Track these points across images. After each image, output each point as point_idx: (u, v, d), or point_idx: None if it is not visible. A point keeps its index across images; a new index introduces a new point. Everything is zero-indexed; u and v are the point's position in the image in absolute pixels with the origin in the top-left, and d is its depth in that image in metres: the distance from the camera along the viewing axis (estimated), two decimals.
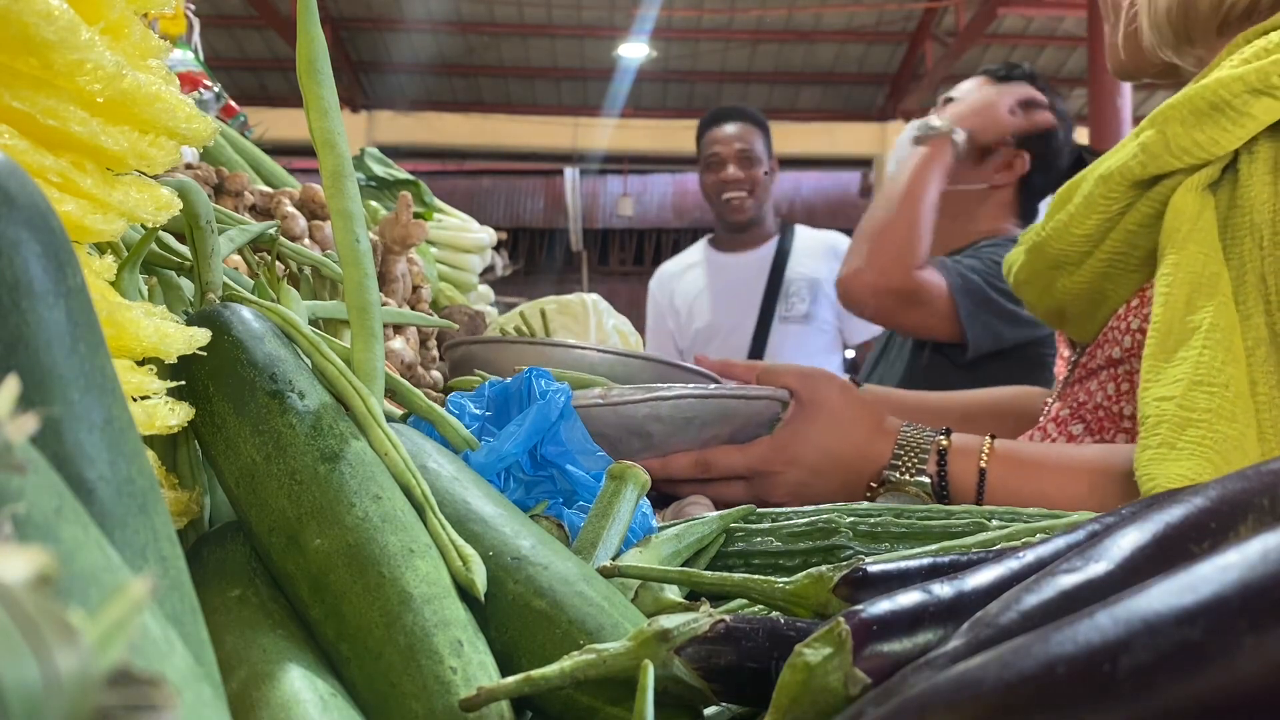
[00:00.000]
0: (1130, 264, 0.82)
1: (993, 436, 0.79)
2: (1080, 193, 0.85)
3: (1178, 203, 0.76)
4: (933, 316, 1.54)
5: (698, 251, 2.55)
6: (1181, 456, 0.67)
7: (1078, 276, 0.87)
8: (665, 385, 0.75)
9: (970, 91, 1.64)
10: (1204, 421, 0.68)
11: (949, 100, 1.67)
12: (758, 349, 2.29)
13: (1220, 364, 0.69)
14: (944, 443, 0.77)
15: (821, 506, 0.53)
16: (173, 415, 0.39)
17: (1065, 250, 0.86)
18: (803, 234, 2.44)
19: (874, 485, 0.78)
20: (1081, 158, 1.66)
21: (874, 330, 2.35)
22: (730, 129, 2.41)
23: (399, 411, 0.55)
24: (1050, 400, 0.99)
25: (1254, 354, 0.70)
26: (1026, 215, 1.70)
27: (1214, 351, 0.70)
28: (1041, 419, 0.98)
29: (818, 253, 2.37)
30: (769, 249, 2.40)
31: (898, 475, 0.76)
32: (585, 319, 1.16)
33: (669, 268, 2.59)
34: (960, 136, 1.55)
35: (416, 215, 1.30)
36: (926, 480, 0.76)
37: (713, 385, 0.79)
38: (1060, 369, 1.01)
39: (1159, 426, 0.69)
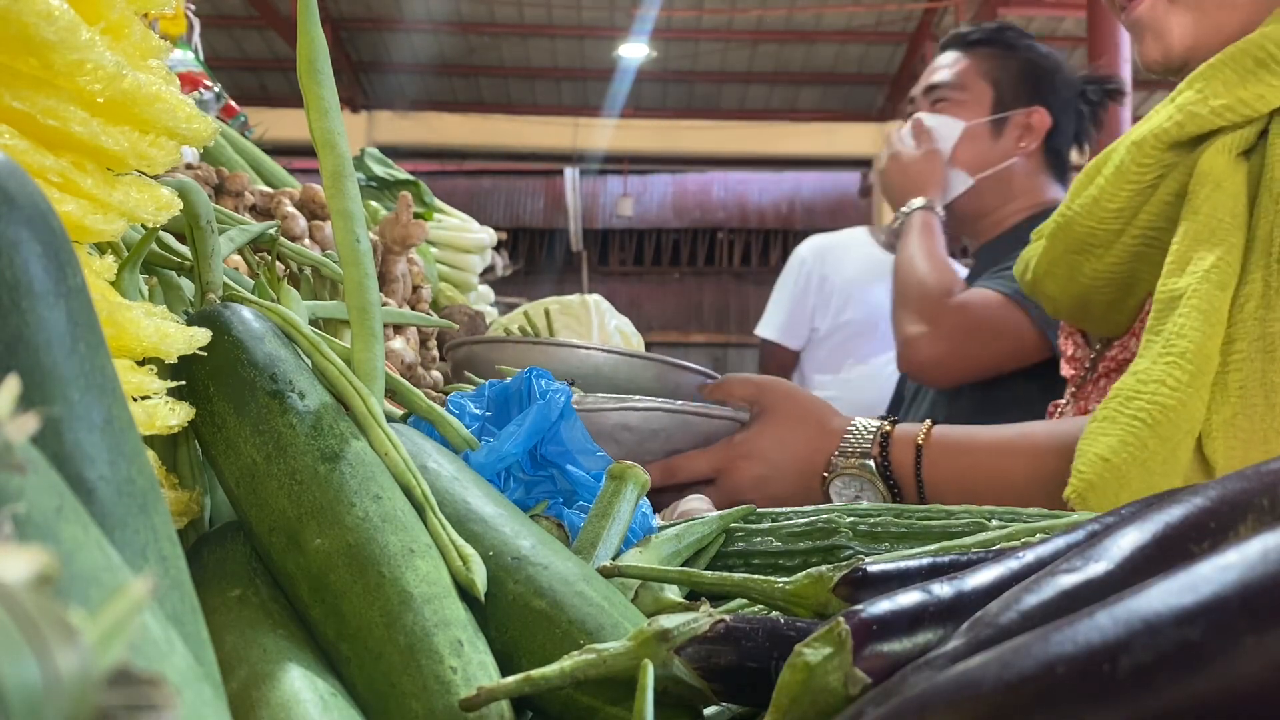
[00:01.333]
0: (1165, 241, 0.76)
1: (934, 421, 0.80)
2: (1111, 164, 0.79)
3: (1205, 164, 0.71)
4: (1013, 339, 1.29)
5: (860, 237, 2.36)
6: (1113, 430, 0.66)
7: (1108, 258, 0.81)
8: (637, 397, 0.80)
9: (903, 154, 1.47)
10: (1149, 391, 0.66)
11: (913, 102, 1.53)
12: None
13: (1190, 329, 0.67)
14: (886, 428, 0.80)
15: (821, 506, 0.53)
16: (173, 415, 0.39)
17: (1094, 229, 0.80)
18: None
19: (826, 475, 0.81)
20: (1085, 91, 1.50)
21: None
22: None
23: (399, 411, 0.55)
24: (1062, 402, 0.96)
25: (1243, 309, 0.67)
26: (1060, 172, 1.51)
27: (1188, 317, 0.67)
28: (1058, 417, 0.95)
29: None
30: None
31: (843, 460, 0.79)
32: (587, 319, 1.16)
33: (831, 240, 2.38)
34: (920, 203, 1.42)
35: (416, 215, 1.30)
36: (870, 463, 0.78)
37: (680, 401, 0.82)
38: (1067, 370, 0.96)
39: (1112, 400, 0.68)
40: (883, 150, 1.52)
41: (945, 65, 1.52)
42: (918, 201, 1.43)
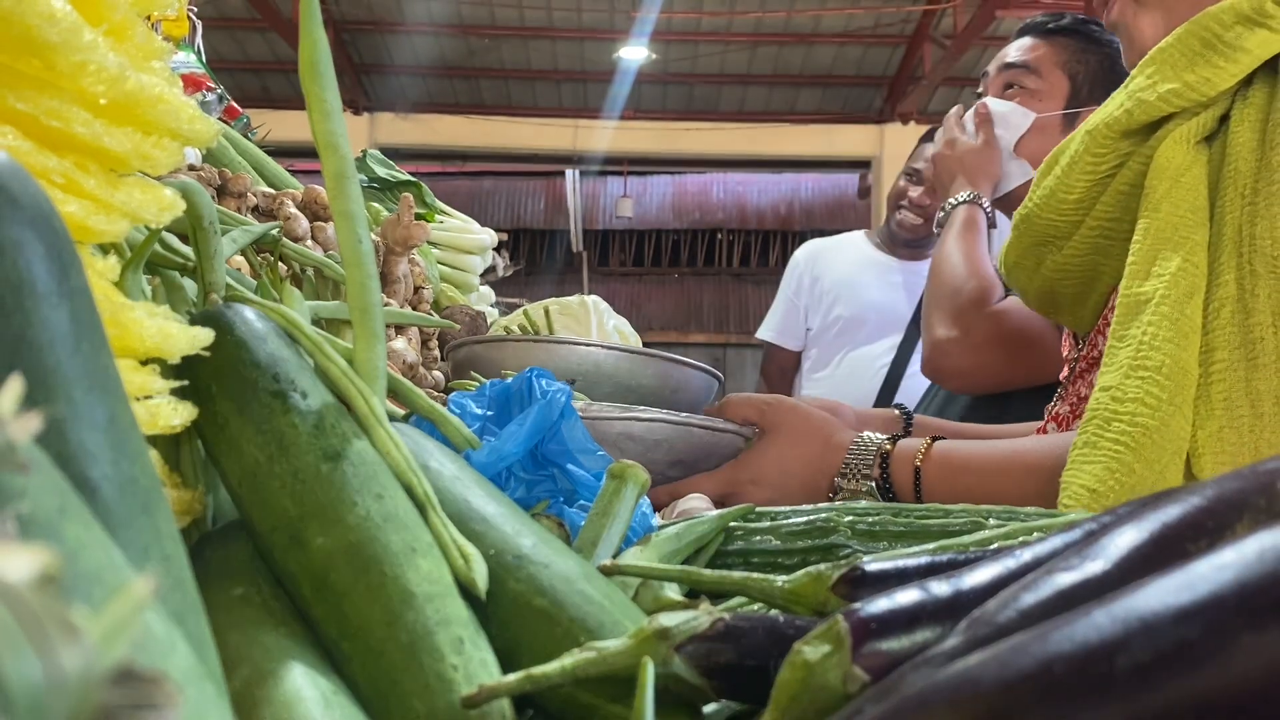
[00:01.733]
0: (1123, 232, 0.73)
1: (934, 439, 0.78)
2: (1067, 155, 0.76)
3: (1162, 157, 0.68)
4: (1046, 354, 1.19)
5: (857, 240, 2.42)
6: (1096, 457, 0.64)
7: (1068, 251, 0.79)
8: (641, 407, 0.80)
9: (958, 143, 1.36)
10: (1127, 412, 0.63)
11: (986, 77, 1.41)
12: (902, 361, 2.07)
13: (1162, 340, 0.63)
14: (887, 447, 0.78)
15: (820, 505, 0.53)
16: (176, 415, 0.39)
17: (1053, 221, 0.78)
18: None
19: (831, 495, 0.80)
20: None
21: None
22: None
23: (401, 411, 0.55)
24: (1051, 406, 0.95)
25: (1219, 315, 0.64)
26: None
27: (1158, 326, 0.64)
28: (1046, 415, 0.95)
29: None
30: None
31: (846, 483, 0.78)
32: (586, 320, 1.16)
33: (826, 243, 2.44)
34: (966, 196, 1.32)
35: (418, 216, 1.30)
36: (872, 484, 0.77)
37: (684, 412, 0.82)
38: (1064, 373, 0.96)
39: (1090, 422, 0.66)
40: (939, 131, 1.44)
41: (1022, 49, 1.40)
42: (964, 194, 1.34)
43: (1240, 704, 0.17)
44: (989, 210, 1.35)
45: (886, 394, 1.97)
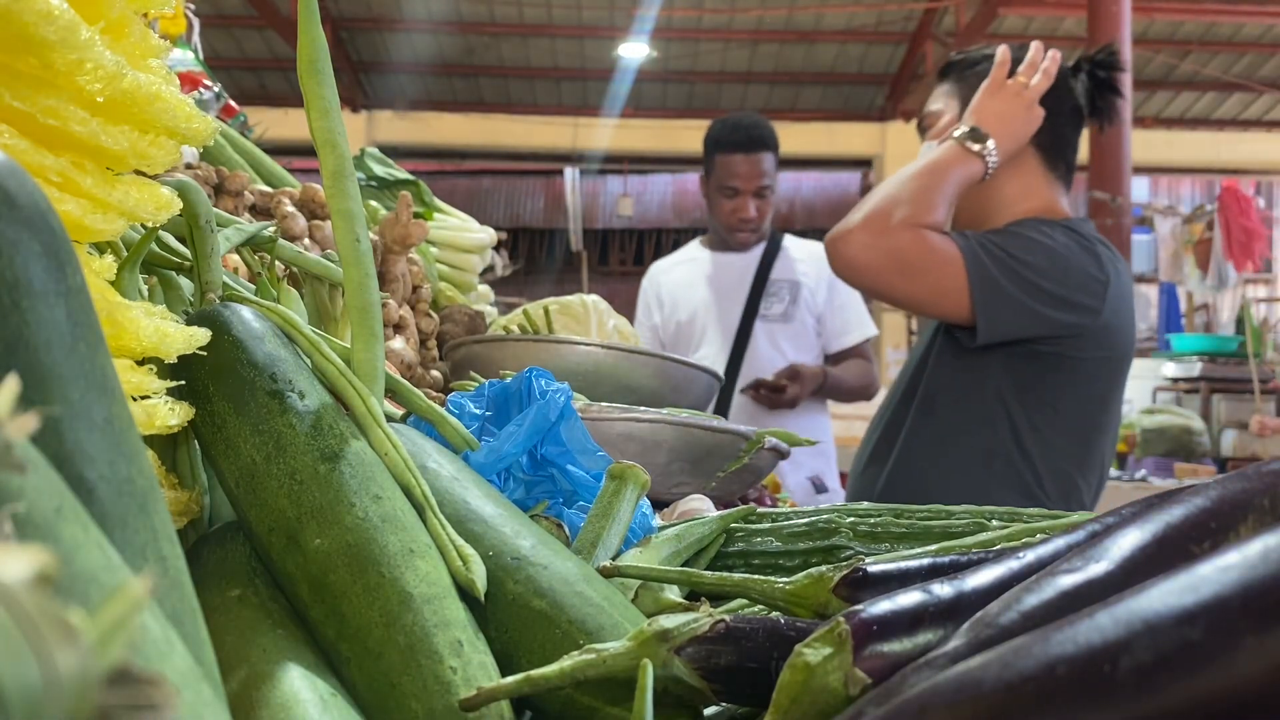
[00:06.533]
0: None
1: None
2: None
3: None
4: (934, 292, 1.30)
5: (691, 249, 2.62)
6: None
7: None
8: (642, 408, 0.80)
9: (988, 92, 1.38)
10: None
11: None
12: (740, 345, 2.32)
13: None
14: None
15: (821, 507, 0.53)
16: (173, 415, 0.39)
17: None
18: (790, 241, 2.49)
19: None
20: (1095, 72, 1.44)
21: (852, 340, 2.29)
22: (750, 163, 2.37)
23: (399, 411, 0.54)
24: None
25: None
26: (1063, 173, 1.46)
27: None
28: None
29: (803, 258, 2.42)
30: (758, 251, 2.46)
31: None
32: (586, 320, 1.16)
33: (662, 264, 2.67)
34: (993, 160, 1.34)
35: (416, 215, 1.30)
36: None
37: (684, 414, 0.82)
38: None
39: None
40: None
41: (933, 94, 1.54)
42: (965, 129, 1.36)
43: (1244, 706, 0.17)
44: (992, 163, 1.36)
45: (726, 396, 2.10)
